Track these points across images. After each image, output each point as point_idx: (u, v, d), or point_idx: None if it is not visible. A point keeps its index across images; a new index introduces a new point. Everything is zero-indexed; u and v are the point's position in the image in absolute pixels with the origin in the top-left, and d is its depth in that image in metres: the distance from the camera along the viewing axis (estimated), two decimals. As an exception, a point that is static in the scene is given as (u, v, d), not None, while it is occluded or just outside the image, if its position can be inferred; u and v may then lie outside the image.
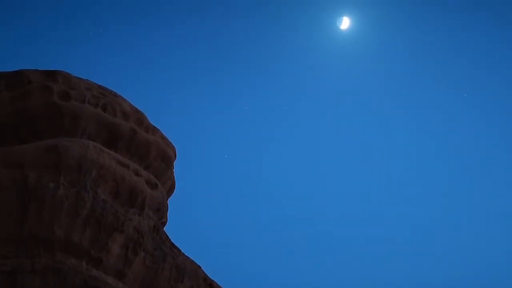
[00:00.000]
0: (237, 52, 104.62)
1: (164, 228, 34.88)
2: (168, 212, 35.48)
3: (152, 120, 35.55)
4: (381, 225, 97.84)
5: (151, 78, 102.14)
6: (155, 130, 35.18)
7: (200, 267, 34.22)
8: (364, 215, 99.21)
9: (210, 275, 34.87)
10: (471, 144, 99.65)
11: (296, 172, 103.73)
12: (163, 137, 35.80)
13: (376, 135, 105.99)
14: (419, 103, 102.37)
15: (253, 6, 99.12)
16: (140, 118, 34.16)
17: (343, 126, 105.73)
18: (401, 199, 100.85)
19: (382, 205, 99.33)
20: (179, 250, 33.42)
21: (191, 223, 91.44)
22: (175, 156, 36.97)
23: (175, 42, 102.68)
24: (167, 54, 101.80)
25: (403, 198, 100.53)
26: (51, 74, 31.68)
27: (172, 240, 33.51)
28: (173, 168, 36.57)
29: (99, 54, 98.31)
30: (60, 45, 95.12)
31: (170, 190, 37.00)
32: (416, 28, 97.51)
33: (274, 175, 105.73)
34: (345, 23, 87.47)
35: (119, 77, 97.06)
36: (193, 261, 34.02)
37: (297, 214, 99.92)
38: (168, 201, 35.68)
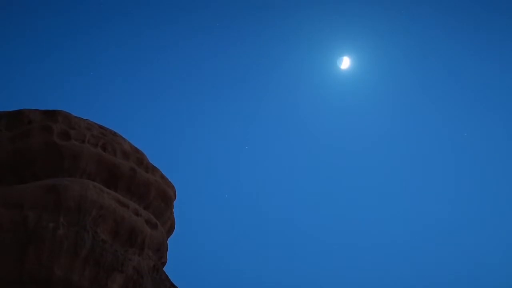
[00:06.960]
0: (239, 91, 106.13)
1: (164, 268, 34.47)
2: (168, 251, 35.10)
3: (153, 161, 35.61)
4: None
5: (151, 118, 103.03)
6: (155, 169, 35.10)
7: (200, 307, 33.76)
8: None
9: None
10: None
11: (296, 212, 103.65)
12: (163, 177, 35.68)
13: (377, 169, 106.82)
14: (418, 139, 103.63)
15: (253, 45, 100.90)
16: (140, 158, 34.13)
17: (344, 163, 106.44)
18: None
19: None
20: (179, 290, 33.03)
21: (191, 262, 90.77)
22: (175, 196, 36.77)
23: (176, 78, 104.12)
24: (170, 91, 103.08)
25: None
26: (51, 114, 31.84)
27: (171, 280, 33.11)
28: (173, 208, 36.32)
29: (99, 93, 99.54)
30: (61, 84, 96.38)
31: (170, 230, 36.65)
32: (415, 65, 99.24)
33: (274, 213, 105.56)
34: (345, 63, 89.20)
35: (120, 115, 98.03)
36: (193, 301, 33.61)
37: (299, 253, 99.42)
38: (168, 241, 35.33)
